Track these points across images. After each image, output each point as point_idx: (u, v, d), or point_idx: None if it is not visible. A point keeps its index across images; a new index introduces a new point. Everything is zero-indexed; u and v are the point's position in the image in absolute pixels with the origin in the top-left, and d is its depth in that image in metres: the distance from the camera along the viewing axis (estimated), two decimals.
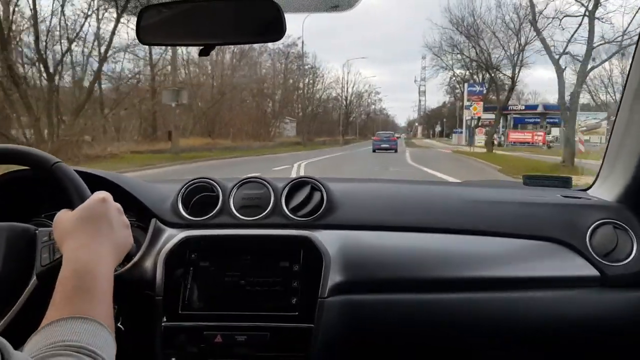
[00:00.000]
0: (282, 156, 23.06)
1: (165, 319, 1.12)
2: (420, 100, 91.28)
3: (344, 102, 66.07)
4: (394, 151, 30.10)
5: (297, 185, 1.29)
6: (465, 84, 42.39)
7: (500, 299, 1.21)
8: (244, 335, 1.11)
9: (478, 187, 1.62)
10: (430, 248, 1.26)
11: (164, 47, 19.76)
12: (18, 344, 0.66)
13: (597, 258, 1.23)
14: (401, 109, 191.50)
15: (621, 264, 1.23)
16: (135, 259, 1.16)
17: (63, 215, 0.85)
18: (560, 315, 1.21)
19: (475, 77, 40.68)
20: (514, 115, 41.67)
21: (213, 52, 1.20)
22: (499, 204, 1.37)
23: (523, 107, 42.69)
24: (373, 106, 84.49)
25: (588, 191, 1.51)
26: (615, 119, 1.42)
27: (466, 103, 40.81)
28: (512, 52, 29.18)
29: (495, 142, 31.69)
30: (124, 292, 0.93)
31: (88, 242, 0.79)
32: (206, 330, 1.12)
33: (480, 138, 35.69)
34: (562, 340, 1.23)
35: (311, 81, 51.54)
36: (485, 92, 38.77)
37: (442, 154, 28.76)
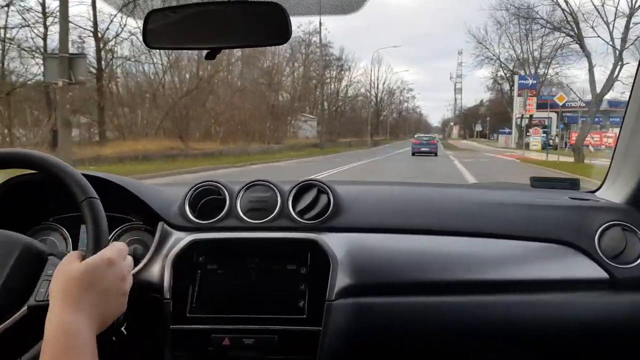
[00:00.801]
0: (278, 167, 18.15)
1: (173, 322, 1.12)
2: (455, 99, 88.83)
3: (374, 99, 60.48)
4: (433, 155, 27.88)
5: (303, 188, 1.29)
6: (516, 77, 37.49)
7: (508, 301, 1.20)
8: (251, 338, 1.11)
9: (486, 190, 1.62)
10: (438, 251, 1.25)
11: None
12: None
13: (606, 260, 1.22)
14: (434, 109, 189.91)
15: (630, 266, 1.22)
16: (143, 262, 1.17)
17: (66, 266, 0.83)
18: (569, 317, 1.20)
19: (526, 69, 36.45)
20: (567, 114, 34.50)
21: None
22: (506, 206, 1.36)
23: (583, 104, 34.66)
24: (405, 104, 79.37)
25: (596, 193, 1.50)
26: (622, 121, 1.41)
27: (520, 95, 34.38)
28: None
29: (548, 144, 26.83)
30: (132, 295, 0.94)
31: (77, 307, 0.78)
32: (214, 333, 1.12)
33: (535, 139, 30.05)
34: (571, 343, 1.22)
35: (335, 74, 45.79)
36: (538, 85, 34.38)
37: (507, 165, 20.49)
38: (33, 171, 1.01)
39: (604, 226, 1.25)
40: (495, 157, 25.90)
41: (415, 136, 34.61)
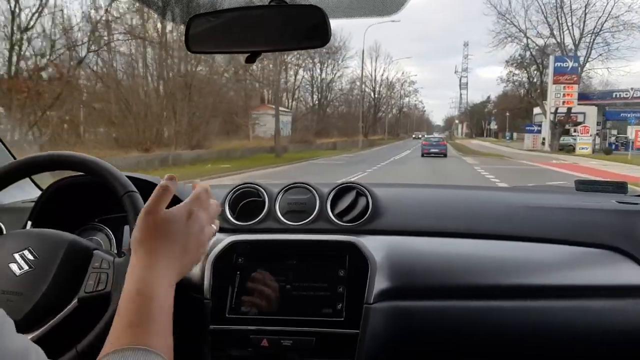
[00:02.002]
0: None
1: (212, 322, 1.14)
2: (461, 94, 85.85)
3: (371, 93, 53.80)
4: (442, 155, 26.58)
5: (342, 190, 1.29)
6: (551, 57, 27.78)
7: (552, 307, 1.17)
8: (289, 340, 1.12)
9: (528, 193, 1.58)
10: (479, 254, 1.23)
11: None
12: None
13: None
14: (436, 106, 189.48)
15: None
16: None
17: (146, 215, 0.79)
18: (616, 325, 1.17)
19: (562, 50, 27.54)
20: (609, 109, 25.54)
21: None
22: (550, 210, 1.33)
23: (637, 94, 26.73)
24: (407, 99, 71.86)
25: None
26: None
27: (557, 82, 24.35)
28: None
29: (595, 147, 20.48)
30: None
31: (155, 258, 0.76)
32: (252, 334, 1.13)
33: (583, 140, 23.08)
34: (618, 352, 1.19)
35: (320, 59, 37.98)
36: (579, 69, 25.32)
37: None
38: (78, 173, 1.04)
39: None
40: (584, 177, 13.93)
41: (425, 137, 32.26)
